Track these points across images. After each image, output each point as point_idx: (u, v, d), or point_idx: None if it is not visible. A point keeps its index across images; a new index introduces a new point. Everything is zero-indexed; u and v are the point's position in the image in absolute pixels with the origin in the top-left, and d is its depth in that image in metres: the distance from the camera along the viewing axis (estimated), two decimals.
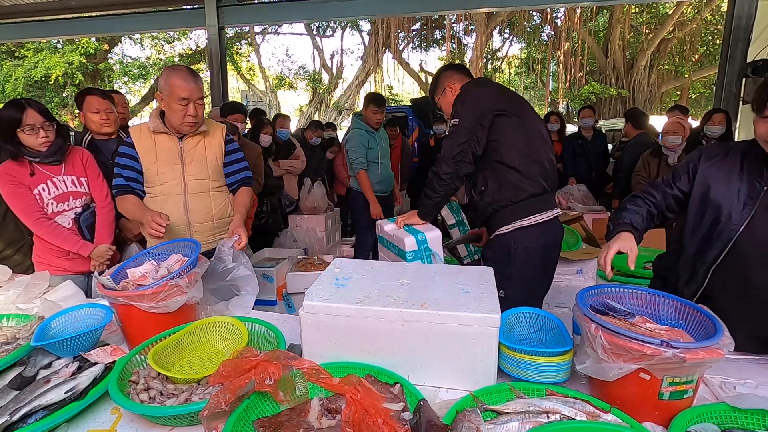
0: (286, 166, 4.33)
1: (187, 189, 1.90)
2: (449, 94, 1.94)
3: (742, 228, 1.23)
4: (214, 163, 1.95)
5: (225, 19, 5.71)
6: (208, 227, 1.95)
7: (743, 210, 1.24)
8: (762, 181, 1.22)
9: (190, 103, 1.77)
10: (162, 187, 1.89)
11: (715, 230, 1.29)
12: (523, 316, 1.32)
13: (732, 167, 1.29)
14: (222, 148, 1.99)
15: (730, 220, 1.26)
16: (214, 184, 1.96)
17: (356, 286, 1.21)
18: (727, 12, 4.86)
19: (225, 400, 0.90)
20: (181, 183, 1.89)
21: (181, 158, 1.88)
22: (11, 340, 1.35)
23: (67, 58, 14.19)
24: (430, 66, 18.97)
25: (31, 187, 1.93)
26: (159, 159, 1.87)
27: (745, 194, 1.24)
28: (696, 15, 13.51)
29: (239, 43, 18.27)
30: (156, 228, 1.65)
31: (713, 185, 1.30)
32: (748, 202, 1.23)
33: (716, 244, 1.29)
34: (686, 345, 0.91)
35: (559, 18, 14.54)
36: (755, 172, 1.24)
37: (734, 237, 1.25)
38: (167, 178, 1.88)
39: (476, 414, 0.89)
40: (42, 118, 1.88)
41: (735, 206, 1.25)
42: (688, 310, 1.10)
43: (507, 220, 1.81)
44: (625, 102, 14.23)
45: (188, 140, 1.89)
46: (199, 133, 1.91)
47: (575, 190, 4.47)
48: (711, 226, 1.30)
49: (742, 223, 1.23)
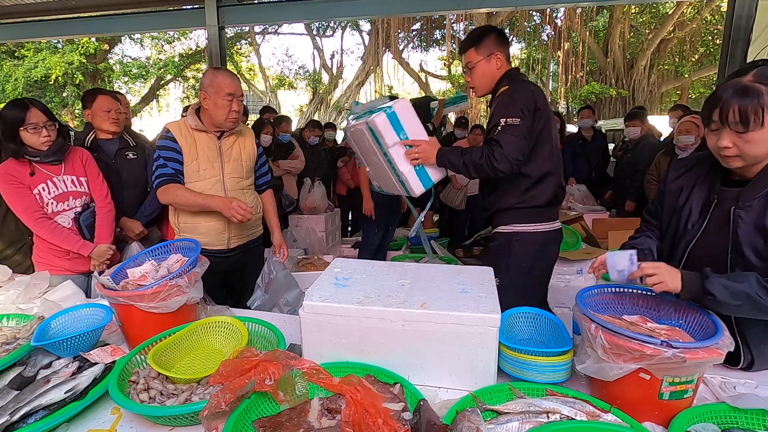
0: (285, 166, 4.33)
1: (226, 186, 1.99)
2: (493, 63, 1.82)
3: (696, 237, 1.28)
4: (248, 162, 2.07)
5: (225, 19, 5.71)
6: (243, 224, 2.00)
7: (698, 220, 1.29)
8: (714, 193, 1.26)
9: (234, 99, 1.88)
10: (202, 183, 1.95)
11: (677, 237, 1.35)
12: (523, 316, 1.32)
13: (696, 179, 1.33)
14: (254, 150, 2.12)
15: (686, 229, 1.31)
16: (247, 182, 2.09)
17: (356, 286, 1.21)
18: (727, 12, 4.85)
19: (225, 400, 0.90)
20: (221, 180, 1.98)
21: (220, 156, 1.98)
22: (11, 340, 1.35)
23: (67, 58, 14.19)
24: (430, 66, 19.01)
25: (31, 186, 1.93)
26: (200, 156, 1.95)
27: (701, 204, 1.29)
28: (696, 15, 13.50)
29: (239, 43, 18.25)
30: (243, 212, 1.79)
31: (679, 197, 1.35)
32: (703, 212, 1.28)
33: (677, 253, 1.34)
34: (686, 345, 0.91)
35: (559, 18, 14.53)
36: (712, 184, 1.29)
37: (690, 246, 1.30)
38: (208, 175, 1.96)
39: (476, 414, 0.89)
40: (45, 117, 1.90)
41: (693, 216, 1.30)
42: (687, 310, 1.10)
43: (507, 221, 1.82)
44: (625, 102, 14.22)
45: (226, 140, 1.99)
46: (234, 133, 2.01)
47: (575, 190, 4.47)
48: (674, 234, 1.36)
49: (697, 232, 1.28)
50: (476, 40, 1.82)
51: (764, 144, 1.10)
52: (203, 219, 1.97)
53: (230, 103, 1.88)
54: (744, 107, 1.07)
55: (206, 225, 1.97)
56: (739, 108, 1.08)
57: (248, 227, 2.11)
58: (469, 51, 1.83)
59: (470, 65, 1.84)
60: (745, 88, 1.08)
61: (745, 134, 1.09)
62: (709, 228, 1.26)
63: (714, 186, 1.27)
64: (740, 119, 1.08)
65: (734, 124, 1.09)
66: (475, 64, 1.82)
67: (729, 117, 1.10)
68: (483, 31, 1.84)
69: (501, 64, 1.82)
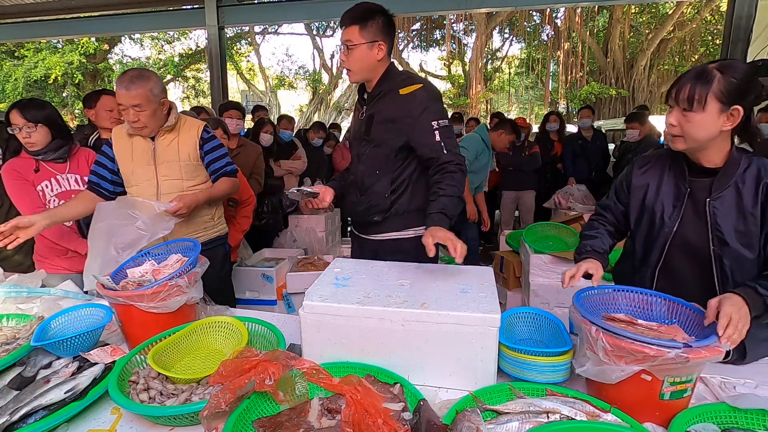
0: (287, 167, 4.33)
1: (160, 189, 1.90)
2: (375, 52, 1.63)
3: (675, 228, 1.30)
4: (187, 162, 1.93)
5: (225, 19, 5.71)
6: (182, 225, 1.89)
7: (673, 212, 1.31)
8: (685, 183, 1.29)
9: (128, 110, 1.78)
10: (137, 187, 1.90)
11: (653, 234, 1.36)
12: (523, 316, 1.33)
13: (661, 172, 1.36)
14: (197, 146, 1.94)
15: (663, 222, 1.32)
16: (189, 183, 1.94)
17: (356, 286, 1.21)
18: (727, 12, 4.86)
19: (225, 400, 0.90)
20: (155, 183, 1.90)
21: (153, 159, 1.90)
22: (11, 340, 1.35)
23: (67, 58, 14.20)
24: (430, 66, 19.00)
25: (35, 183, 1.98)
26: (134, 160, 1.89)
27: (673, 196, 1.31)
28: (696, 15, 13.50)
29: (239, 43, 18.26)
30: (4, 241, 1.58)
31: (647, 192, 1.37)
32: (677, 204, 1.30)
33: (656, 247, 1.35)
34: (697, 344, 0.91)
35: (559, 18, 14.54)
36: (679, 175, 1.32)
37: (670, 238, 1.31)
38: (142, 179, 1.90)
39: (476, 414, 0.89)
40: (24, 120, 1.90)
41: (666, 209, 1.32)
42: (680, 308, 1.10)
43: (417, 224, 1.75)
44: (625, 102, 14.23)
45: (160, 140, 1.90)
46: (170, 131, 1.91)
47: (575, 190, 4.47)
48: (649, 230, 1.37)
49: (674, 224, 1.30)
50: (361, 19, 1.60)
51: (704, 129, 1.17)
52: None
53: (126, 114, 1.79)
54: (693, 88, 1.14)
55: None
56: (689, 87, 1.15)
57: (189, 228, 1.95)
58: (352, 28, 1.61)
59: (349, 44, 1.62)
60: (702, 71, 1.15)
61: (689, 113, 1.16)
62: (685, 219, 1.29)
63: (682, 177, 1.31)
64: (687, 97, 1.15)
65: (682, 101, 1.16)
66: (355, 45, 1.61)
67: (680, 95, 1.17)
68: (371, 11, 1.61)
69: (383, 56, 1.66)
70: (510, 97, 20.16)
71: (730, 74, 1.13)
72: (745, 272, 1.22)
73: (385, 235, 1.79)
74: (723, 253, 1.22)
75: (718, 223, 1.22)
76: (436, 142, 1.59)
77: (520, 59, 18.51)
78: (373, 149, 1.71)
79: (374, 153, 1.71)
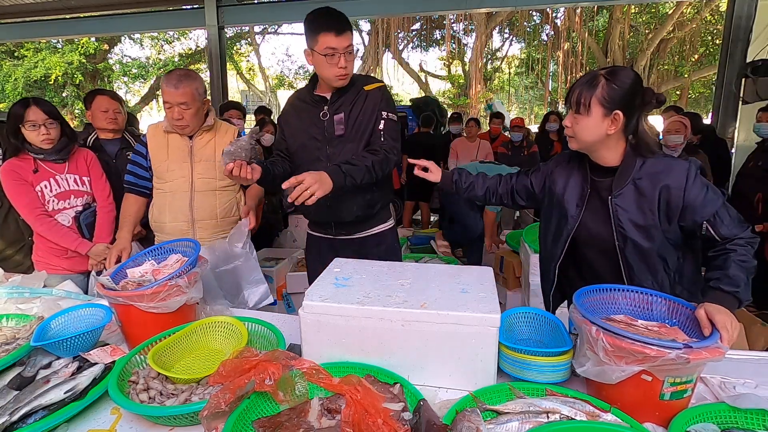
0: None
1: (194, 186, 1.94)
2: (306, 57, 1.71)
3: (576, 225, 1.39)
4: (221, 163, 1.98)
5: (225, 19, 5.72)
6: (211, 225, 1.97)
7: (576, 210, 1.40)
8: (587, 185, 1.39)
9: (173, 107, 1.82)
10: (171, 183, 1.94)
11: (558, 229, 1.45)
12: (523, 316, 1.33)
13: (570, 171, 1.45)
14: None
15: (567, 220, 1.41)
16: (221, 183, 1.98)
17: (356, 286, 1.21)
18: (727, 12, 4.86)
19: (225, 400, 0.90)
20: (189, 180, 1.94)
21: (190, 156, 1.94)
22: (11, 340, 1.34)
23: (67, 58, 14.20)
24: (429, 66, 19.01)
25: (33, 183, 1.97)
26: (170, 157, 1.93)
27: (577, 196, 1.40)
28: (696, 15, 13.50)
29: (239, 43, 18.26)
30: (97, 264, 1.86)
31: (556, 190, 1.46)
32: (579, 203, 1.40)
33: (560, 242, 1.44)
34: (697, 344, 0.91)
35: (559, 18, 14.53)
36: (583, 175, 1.41)
37: (571, 233, 1.40)
38: (176, 176, 1.93)
39: (476, 414, 0.89)
40: (44, 116, 1.92)
41: (570, 207, 1.41)
42: (680, 308, 1.10)
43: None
44: None
45: (198, 139, 1.95)
46: (207, 131, 1.96)
47: None
48: (556, 226, 1.46)
49: (576, 221, 1.39)
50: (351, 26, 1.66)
51: (589, 131, 1.26)
52: (168, 218, 1.95)
53: (170, 111, 1.84)
54: (581, 92, 1.25)
55: (170, 225, 1.96)
56: (578, 92, 1.25)
57: (217, 228, 1.99)
58: (349, 33, 1.64)
59: (350, 49, 1.65)
60: (592, 77, 1.25)
61: (577, 116, 1.26)
62: (586, 217, 1.38)
63: (586, 177, 1.39)
64: (576, 101, 1.26)
65: (573, 104, 1.27)
66: (352, 49, 1.66)
67: (571, 98, 1.28)
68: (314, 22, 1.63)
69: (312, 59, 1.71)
70: (510, 97, 20.16)
71: (614, 81, 1.22)
72: (646, 258, 1.32)
73: (370, 230, 1.88)
74: (626, 246, 1.31)
75: (620, 219, 1.30)
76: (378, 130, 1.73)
77: (520, 59, 18.51)
78: (348, 146, 1.73)
79: (349, 150, 1.73)
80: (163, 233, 1.97)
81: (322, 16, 1.63)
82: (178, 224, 1.95)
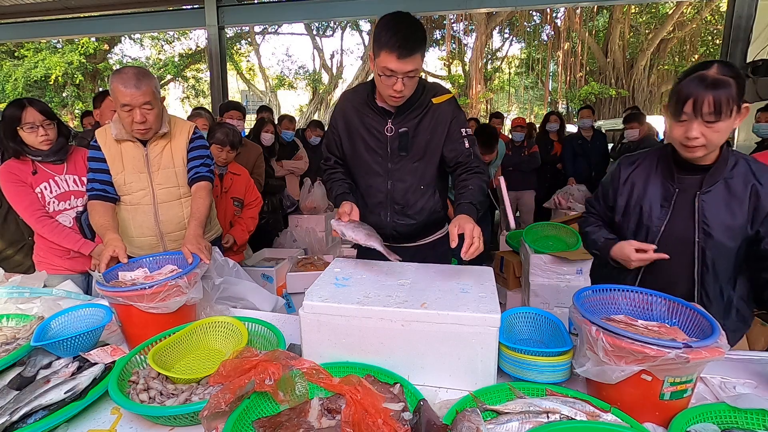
0: (288, 167, 4.33)
1: (156, 198, 1.81)
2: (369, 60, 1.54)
3: (663, 227, 1.34)
4: (181, 168, 1.83)
5: (225, 19, 5.72)
6: (181, 236, 1.79)
7: (661, 211, 1.35)
8: (674, 183, 1.33)
9: (134, 110, 1.64)
10: (131, 197, 1.80)
11: (640, 232, 1.39)
12: (523, 316, 1.33)
13: (648, 172, 1.40)
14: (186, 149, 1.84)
15: (651, 221, 1.36)
16: (185, 189, 1.85)
17: (356, 286, 1.21)
18: (727, 12, 4.86)
19: (225, 400, 0.90)
20: (150, 192, 1.80)
21: (147, 166, 1.78)
22: (11, 340, 1.34)
23: (67, 58, 14.20)
24: (430, 66, 18.95)
25: (33, 185, 1.95)
26: (126, 168, 1.77)
27: (661, 196, 1.35)
28: (696, 15, 13.50)
29: (239, 43, 18.26)
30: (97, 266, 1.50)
31: (634, 191, 1.41)
32: (665, 203, 1.34)
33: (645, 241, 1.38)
34: (697, 344, 0.91)
35: (559, 18, 14.54)
36: (668, 174, 1.35)
37: (658, 236, 1.35)
38: (135, 188, 1.79)
39: (476, 414, 0.89)
40: (42, 117, 1.90)
41: (654, 208, 1.36)
42: (680, 308, 1.10)
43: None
44: (625, 102, 14.22)
45: (153, 147, 1.78)
46: (162, 137, 1.79)
47: (575, 190, 4.47)
48: (636, 228, 1.41)
49: (663, 222, 1.34)
50: (424, 42, 1.46)
51: (724, 134, 1.19)
52: (134, 233, 1.83)
53: (130, 114, 1.64)
54: (718, 98, 1.14)
55: (138, 240, 1.83)
56: (714, 99, 1.14)
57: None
58: (419, 55, 1.44)
59: (413, 74, 1.46)
60: (717, 80, 1.16)
61: (714, 124, 1.17)
62: (674, 216, 1.33)
63: (670, 176, 1.34)
64: (714, 110, 1.15)
65: (707, 114, 1.16)
66: (416, 73, 1.48)
67: (703, 108, 1.16)
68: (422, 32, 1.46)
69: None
70: (510, 97, 20.15)
71: (735, 73, 1.17)
72: (725, 260, 1.28)
73: (426, 239, 1.80)
74: (707, 245, 1.28)
75: (705, 216, 1.27)
76: (465, 149, 1.62)
77: (520, 59, 18.50)
78: (410, 166, 1.64)
79: (410, 170, 1.65)
80: (132, 246, 1.81)
81: (390, 31, 1.40)
82: (146, 239, 1.83)
